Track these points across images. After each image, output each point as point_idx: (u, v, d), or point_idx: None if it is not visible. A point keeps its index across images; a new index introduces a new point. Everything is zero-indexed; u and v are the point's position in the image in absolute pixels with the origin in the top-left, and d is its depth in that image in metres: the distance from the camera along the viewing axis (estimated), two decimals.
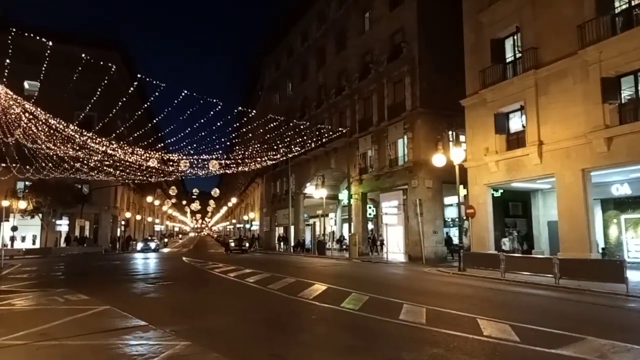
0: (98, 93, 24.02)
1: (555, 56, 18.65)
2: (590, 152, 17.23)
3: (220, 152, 32.44)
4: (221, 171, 37.35)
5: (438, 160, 21.57)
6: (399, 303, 10.24)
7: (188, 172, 33.86)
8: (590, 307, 10.90)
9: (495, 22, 21.80)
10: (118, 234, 52.00)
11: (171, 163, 32.51)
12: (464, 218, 22.73)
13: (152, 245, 47.39)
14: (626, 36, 15.98)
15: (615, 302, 11.47)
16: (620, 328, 8.56)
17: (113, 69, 22.12)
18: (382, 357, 6.24)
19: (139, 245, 48.20)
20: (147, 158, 29.47)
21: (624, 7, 16.80)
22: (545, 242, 23.59)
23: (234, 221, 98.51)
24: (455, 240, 27.26)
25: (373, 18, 33.66)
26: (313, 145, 36.18)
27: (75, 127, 24.37)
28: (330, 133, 34.09)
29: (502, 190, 23.13)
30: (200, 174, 35.39)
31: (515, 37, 21.14)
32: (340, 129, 33.75)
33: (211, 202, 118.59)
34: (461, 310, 9.48)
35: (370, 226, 35.45)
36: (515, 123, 21.29)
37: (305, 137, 36.06)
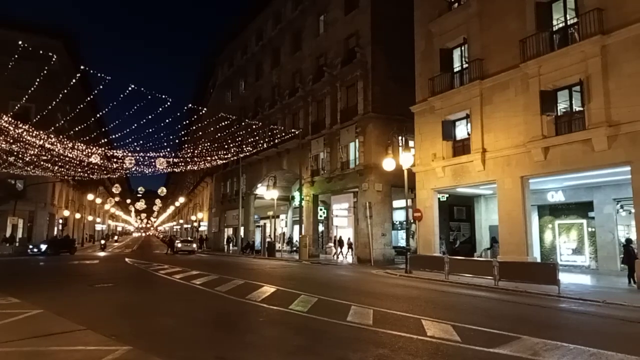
0: (37, 83, 22.60)
1: (499, 68, 19.60)
2: (529, 161, 18.23)
3: (169, 149, 31.52)
4: (169, 169, 36.22)
5: (388, 164, 22.04)
6: (347, 305, 10.34)
7: (133, 169, 32.59)
8: (526, 307, 11.51)
9: (445, 32, 22.61)
10: (55, 233, 49.14)
11: (115, 160, 31.15)
12: (411, 221, 23.34)
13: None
14: (562, 52, 17.07)
15: (548, 303, 12.17)
16: (552, 327, 9.11)
17: (54, 59, 20.91)
18: (329, 357, 6.27)
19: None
20: (89, 154, 28.07)
21: (561, 25, 17.94)
22: (487, 245, 24.69)
23: (181, 221, 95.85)
24: (403, 243, 27.95)
25: (328, 21, 33.94)
26: (265, 145, 35.94)
27: (10, 119, 22.79)
28: (283, 134, 33.99)
29: (447, 195, 24.02)
30: (147, 172, 34.17)
31: (463, 48, 22.03)
32: (293, 130, 33.72)
33: (157, 201, 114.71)
34: (406, 312, 9.72)
35: (320, 228, 35.65)
36: (461, 130, 22.16)
37: (257, 137, 35.75)
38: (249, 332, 8.01)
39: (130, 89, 20.76)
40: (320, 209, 34.10)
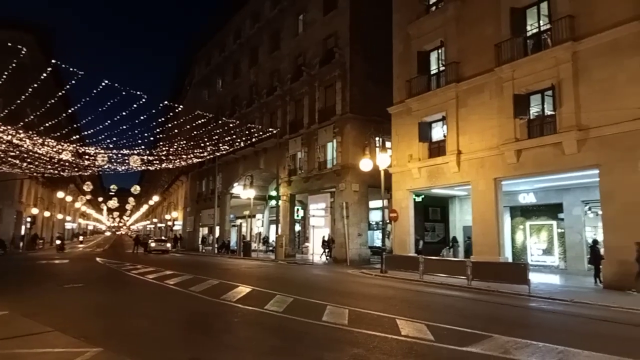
0: (4, 77, 21.81)
1: (475, 71, 19.95)
2: (502, 163, 18.62)
3: (143, 147, 30.87)
4: (143, 167, 35.50)
5: (365, 164, 22.18)
6: (322, 304, 10.34)
7: (106, 167, 31.82)
8: (498, 306, 11.75)
9: (422, 35, 22.88)
10: (22, 232, 47.56)
11: (87, 157, 30.37)
12: (387, 221, 23.53)
13: None
14: (535, 58, 17.50)
15: (519, 302, 12.46)
16: (522, 326, 9.33)
17: (24, 52, 20.25)
18: (304, 357, 6.26)
19: None
20: (60, 150, 27.28)
21: (535, 30, 18.39)
22: (461, 245, 25.11)
23: (155, 220, 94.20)
24: (379, 243, 28.16)
25: (307, 21, 33.92)
26: (242, 144, 35.62)
27: None
28: (261, 133, 33.76)
29: (423, 196, 24.31)
30: (120, 169, 33.41)
31: (440, 51, 22.34)
32: (270, 129, 33.55)
33: (131, 199, 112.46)
34: (381, 311, 9.78)
35: (297, 228, 35.59)
36: (437, 132, 22.48)
37: (234, 136, 35.39)
38: (224, 333, 7.93)
39: (103, 84, 20.28)
40: (297, 209, 34.04)
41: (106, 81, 19.60)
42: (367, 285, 15.79)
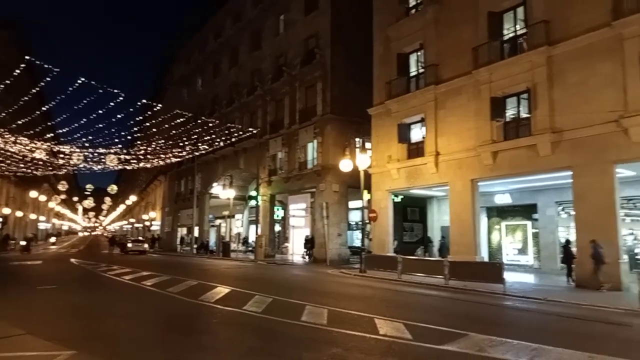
0: None
1: (453, 74, 20.25)
2: (479, 164, 18.95)
3: (120, 146, 30.37)
4: (120, 167, 34.90)
5: (345, 165, 22.27)
6: (301, 305, 10.35)
7: (82, 166, 31.17)
8: (474, 305, 11.96)
9: (402, 38, 23.11)
10: None
11: (62, 155, 29.68)
12: (367, 222, 23.69)
13: None
14: (512, 61, 17.88)
15: (494, 301, 12.71)
16: (497, 324, 9.52)
17: None
18: (283, 357, 6.27)
19: None
20: (33, 148, 26.59)
21: (511, 35, 18.78)
22: (436, 245, 25.42)
23: (132, 220, 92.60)
24: (358, 243, 28.31)
25: (288, 21, 33.87)
26: (222, 144, 35.33)
27: None
28: (241, 133, 33.56)
29: (402, 196, 24.54)
30: (96, 168, 32.79)
31: (419, 53, 22.61)
32: (250, 129, 33.37)
33: (107, 199, 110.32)
34: (360, 311, 9.85)
35: (277, 228, 35.50)
36: (416, 134, 22.73)
37: (214, 136, 35.08)
38: (203, 334, 7.87)
39: (79, 82, 19.87)
40: (277, 209, 33.95)
41: (82, 79, 19.21)
42: (346, 285, 15.87)
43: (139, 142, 37.07)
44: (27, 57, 19.29)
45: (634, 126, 14.21)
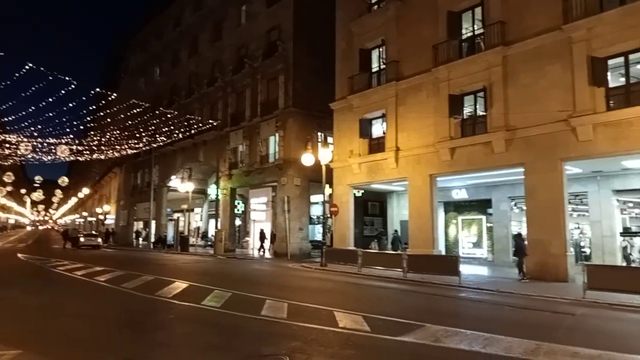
0: None
1: (413, 71, 20.60)
2: (437, 160, 19.42)
3: (72, 136, 29.08)
4: (71, 158, 33.43)
5: (307, 159, 22.26)
6: (261, 299, 10.29)
7: (30, 156, 29.62)
8: (430, 297, 12.28)
9: (364, 33, 23.28)
10: None
11: (8, 145, 28.08)
12: (328, 216, 23.82)
13: None
14: (469, 60, 18.39)
15: (450, 293, 13.10)
16: (452, 315, 9.82)
17: None
18: (242, 352, 6.20)
19: None
20: None
21: (469, 34, 19.29)
22: (391, 238, 25.88)
23: (85, 214, 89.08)
24: (320, 237, 28.44)
25: (250, 12, 33.38)
26: (181, 136, 34.53)
27: None
28: (200, 125, 32.88)
29: (363, 191, 24.82)
30: (46, 159, 31.25)
31: (381, 49, 22.85)
32: (211, 121, 32.76)
33: (58, 192, 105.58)
34: (320, 304, 9.90)
35: (238, 222, 35.12)
36: (377, 129, 23.01)
37: (172, 127, 34.21)
38: (159, 330, 7.67)
39: (27, 67, 18.83)
40: (238, 203, 33.56)
41: (30, 64, 18.21)
42: (307, 279, 15.92)
43: (92, 133, 35.63)
44: None
45: (581, 126, 14.96)
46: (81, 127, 29.69)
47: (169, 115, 34.04)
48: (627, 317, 9.82)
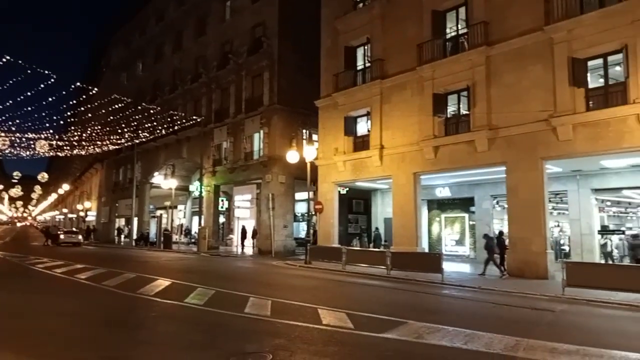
0: None
1: (398, 69, 20.70)
2: (421, 158, 19.56)
3: (52, 131, 28.50)
4: (51, 153, 32.77)
5: (292, 156, 22.22)
6: (245, 296, 10.25)
7: (7, 151, 28.94)
8: (414, 294, 12.40)
9: (349, 31, 23.29)
10: None
11: None
12: (312, 213, 23.83)
13: None
14: (453, 59, 18.54)
15: (433, 290, 13.24)
16: (435, 312, 9.93)
17: None
18: (226, 350, 6.17)
19: None
20: None
21: (453, 33, 19.45)
22: (373, 236, 26.04)
23: (65, 210, 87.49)
24: (304, 234, 28.41)
25: (235, 8, 33.11)
26: (164, 132, 34.08)
27: None
28: (184, 121, 32.51)
29: (347, 189, 24.89)
30: (24, 155, 30.55)
31: (366, 47, 22.90)
32: (194, 117, 32.43)
33: (37, 188, 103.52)
34: (304, 301, 9.91)
35: (221, 219, 34.89)
36: (362, 127, 23.08)
37: (155, 123, 33.74)
38: (141, 329, 7.59)
39: (5, 60, 18.38)
40: (222, 200, 33.34)
41: (7, 57, 17.77)
42: (291, 277, 15.91)
43: (72, 128, 34.98)
44: None
45: (561, 125, 15.23)
46: (61, 122, 29.09)
47: (151, 111, 33.58)
48: (604, 313, 10.06)
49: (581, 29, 15.05)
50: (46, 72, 19.57)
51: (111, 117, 32.17)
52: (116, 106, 30.44)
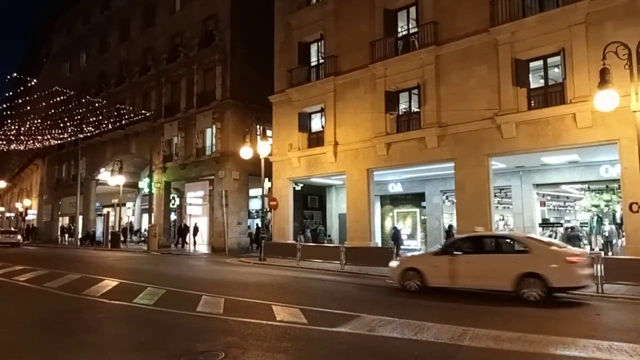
0: None
1: (351, 66, 20.90)
2: (374, 154, 19.89)
3: None
4: None
5: (245, 152, 21.95)
6: (197, 295, 10.07)
7: None
8: (366, 288, 12.63)
9: (303, 27, 23.24)
10: None
11: None
12: (267, 210, 23.68)
13: None
14: (404, 58, 18.96)
15: (385, 283, 13.50)
16: (386, 305, 10.12)
17: None
18: (176, 350, 6.04)
19: None
20: None
21: (405, 32, 19.87)
22: (336, 232, 26.36)
23: (2, 209, 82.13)
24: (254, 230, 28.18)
25: None
26: (110, 126, 32.68)
27: None
28: (132, 115, 31.32)
29: (302, 185, 24.91)
30: None
31: (320, 44, 22.95)
32: (143, 111, 31.29)
33: None
34: (258, 298, 9.86)
35: (173, 217, 33.98)
36: (317, 123, 23.15)
37: (101, 117, 32.29)
38: (85, 332, 7.27)
39: None
40: (173, 197, 32.45)
41: None
42: (245, 274, 15.77)
43: (9, 121, 32.84)
44: None
45: (505, 123, 15.96)
46: None
47: (97, 104, 32.09)
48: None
49: (523, 31, 15.81)
50: None
51: (52, 110, 30.45)
52: (58, 99, 28.86)
